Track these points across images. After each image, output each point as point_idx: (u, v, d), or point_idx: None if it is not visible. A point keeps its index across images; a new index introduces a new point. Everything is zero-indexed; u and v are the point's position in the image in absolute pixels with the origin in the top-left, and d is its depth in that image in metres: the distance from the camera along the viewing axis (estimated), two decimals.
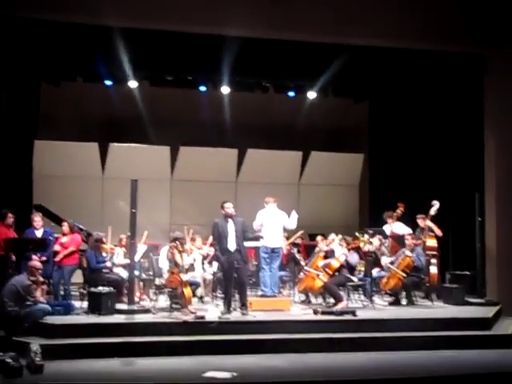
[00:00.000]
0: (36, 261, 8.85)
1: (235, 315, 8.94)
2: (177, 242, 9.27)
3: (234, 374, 7.09)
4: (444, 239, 11.51)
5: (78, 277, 10.37)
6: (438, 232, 11.18)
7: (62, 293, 9.66)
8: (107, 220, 13.17)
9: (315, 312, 9.27)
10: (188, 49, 11.31)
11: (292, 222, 10.28)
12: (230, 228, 9.17)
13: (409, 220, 11.73)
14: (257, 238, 9.98)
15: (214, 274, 10.54)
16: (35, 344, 7.35)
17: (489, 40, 11.09)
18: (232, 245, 9.05)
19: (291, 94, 13.81)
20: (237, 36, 10.72)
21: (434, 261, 10.97)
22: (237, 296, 9.24)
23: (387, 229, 11.68)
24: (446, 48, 11.32)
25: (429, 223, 11.09)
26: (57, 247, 9.76)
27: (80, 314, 8.89)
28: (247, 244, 9.69)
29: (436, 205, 11.15)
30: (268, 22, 10.48)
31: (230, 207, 9.26)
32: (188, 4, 10.28)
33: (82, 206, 13.08)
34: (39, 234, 10.01)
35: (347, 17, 10.62)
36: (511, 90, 11.12)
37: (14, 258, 9.35)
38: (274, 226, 10.05)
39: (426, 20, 10.83)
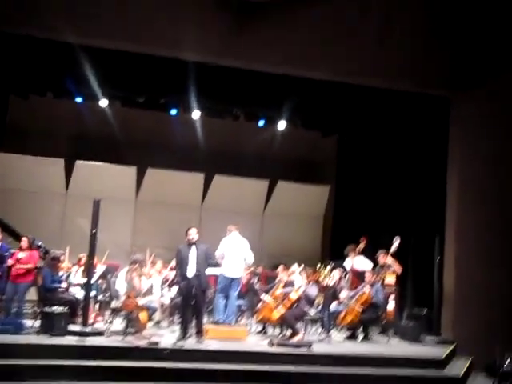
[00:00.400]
0: None
1: (190, 342, 8.82)
2: (136, 265, 9.17)
3: None
4: (403, 276, 11.58)
5: (31, 294, 10.15)
6: (398, 268, 11.26)
7: (13, 310, 9.42)
8: (67, 238, 12.99)
9: (271, 343, 9.21)
10: (159, 71, 11.36)
11: (251, 256, 10.23)
12: (192, 254, 9.10)
13: (370, 254, 11.81)
14: (218, 265, 9.93)
15: (172, 299, 10.43)
16: None
17: (453, 83, 11.32)
18: (191, 271, 8.98)
19: (261, 123, 13.94)
20: (204, 62, 10.76)
21: (391, 297, 11.02)
22: (194, 322, 9.15)
23: (348, 263, 11.73)
24: (412, 89, 11.53)
25: (389, 259, 11.17)
26: (10, 261, 9.51)
27: (30, 334, 8.68)
28: (209, 271, 9.63)
29: (397, 241, 11.25)
30: (234, 51, 10.49)
31: (192, 234, 9.20)
32: (154, 26, 10.18)
33: (42, 222, 12.93)
34: None
35: (314, 52, 10.66)
36: (475, 134, 11.32)
37: None
38: (236, 255, 9.99)
39: (396, 59, 10.98)
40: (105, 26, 10.01)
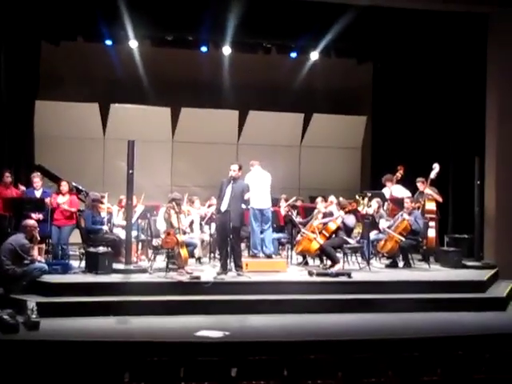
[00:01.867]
0: (31, 219, 8.89)
1: (231, 276, 9.00)
2: (173, 203, 9.30)
3: (227, 333, 7.19)
4: (443, 203, 11.49)
5: (77, 237, 10.45)
6: (438, 198, 11.17)
7: (60, 252, 9.74)
8: (108, 181, 13.27)
9: (310, 273, 9.32)
10: (190, 7, 11.20)
11: None
12: (228, 190, 9.17)
13: (409, 183, 11.71)
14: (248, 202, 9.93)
15: (212, 235, 10.60)
16: (32, 302, 7.49)
17: None
18: (224, 206, 9.08)
19: (293, 54, 13.65)
20: None
21: (432, 224, 10.97)
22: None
23: (386, 192, 11.68)
24: (450, 8, 11.14)
25: (428, 191, 11.06)
26: (53, 203, 9.71)
27: (77, 273, 8.99)
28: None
29: (436, 168, 11.12)
30: None
31: (231, 169, 9.24)
32: None
33: (82, 167, 13.14)
34: (38, 194, 10.09)
35: None
36: None
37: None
38: (261, 187, 9.97)
39: None
40: None
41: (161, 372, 5.36)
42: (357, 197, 12.02)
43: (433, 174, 11.13)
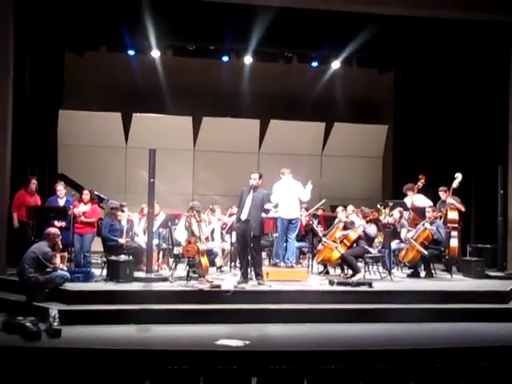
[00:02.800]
0: (54, 227, 8.96)
1: (251, 285, 9.00)
2: (194, 212, 9.34)
3: (247, 342, 7.18)
4: (466, 212, 11.39)
5: (101, 245, 10.51)
6: (461, 207, 11.08)
7: (81, 260, 9.81)
8: (129, 189, 13.39)
9: (331, 283, 9.29)
10: (212, 17, 11.26)
11: (306, 193, 10.10)
12: (249, 199, 9.19)
13: (431, 192, 11.64)
14: (275, 208, 9.91)
15: (232, 244, 10.61)
16: (54, 309, 7.57)
17: None
18: (244, 215, 9.10)
19: (314, 64, 13.64)
20: (261, 5, 10.69)
21: (454, 233, 10.86)
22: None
23: (408, 201, 11.60)
24: (473, 17, 11.10)
25: (450, 200, 10.97)
26: (75, 212, 9.80)
27: (99, 282, 9.06)
28: (268, 215, 9.71)
29: (459, 177, 11.04)
30: None
31: (252, 178, 9.26)
32: None
33: (104, 176, 13.27)
34: (62, 202, 10.19)
35: None
36: None
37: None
38: (290, 197, 9.94)
39: None
40: None
41: (181, 380, 5.38)
42: (378, 206, 11.98)
43: (455, 184, 11.05)
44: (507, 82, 11.43)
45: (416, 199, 11.50)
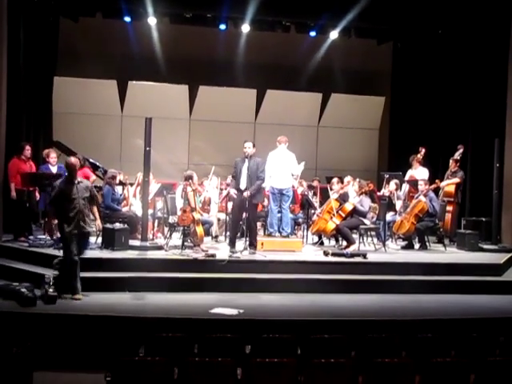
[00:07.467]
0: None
1: (246, 254, 9.03)
2: (190, 181, 9.33)
3: (241, 310, 7.23)
4: (462, 185, 11.39)
5: None
6: (455, 181, 11.08)
7: None
8: (125, 158, 13.32)
9: (325, 254, 9.32)
10: None
11: (298, 169, 10.11)
12: (245, 168, 9.17)
13: (428, 165, 11.63)
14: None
15: (228, 213, 10.61)
16: (49, 276, 7.55)
17: None
18: (242, 184, 9.09)
19: (313, 33, 13.52)
20: None
21: (449, 208, 10.89)
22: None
23: (408, 173, 11.58)
24: None
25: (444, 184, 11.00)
26: None
27: (94, 249, 9.06)
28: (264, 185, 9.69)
29: (461, 149, 11.06)
30: None
31: (246, 147, 9.23)
32: None
33: (100, 144, 13.21)
34: (54, 169, 10.12)
35: None
36: None
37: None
38: (282, 167, 9.90)
39: None
40: None
41: (175, 347, 5.41)
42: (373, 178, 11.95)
43: (457, 155, 11.06)
44: (507, 55, 11.32)
45: (418, 172, 11.45)
